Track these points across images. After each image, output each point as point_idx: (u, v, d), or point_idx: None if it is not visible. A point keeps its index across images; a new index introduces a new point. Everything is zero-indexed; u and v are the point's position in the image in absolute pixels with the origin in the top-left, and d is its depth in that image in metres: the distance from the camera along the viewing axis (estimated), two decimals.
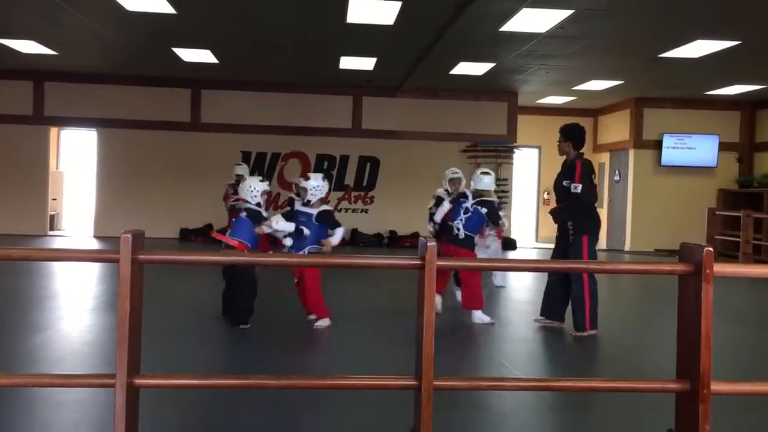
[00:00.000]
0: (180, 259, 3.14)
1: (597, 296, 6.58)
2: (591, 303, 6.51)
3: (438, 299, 7.11)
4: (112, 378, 2.86)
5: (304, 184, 6.46)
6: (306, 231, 6.30)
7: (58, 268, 9.87)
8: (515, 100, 15.64)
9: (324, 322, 6.47)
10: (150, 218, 14.13)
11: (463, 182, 7.88)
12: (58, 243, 13.99)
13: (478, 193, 7.28)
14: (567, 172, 6.58)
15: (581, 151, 6.69)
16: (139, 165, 14.84)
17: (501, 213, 7.47)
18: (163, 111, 15.02)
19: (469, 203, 7.19)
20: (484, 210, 7.17)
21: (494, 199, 7.39)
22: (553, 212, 6.79)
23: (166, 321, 6.52)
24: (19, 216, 14.61)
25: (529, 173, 17.67)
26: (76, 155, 17.22)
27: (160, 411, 3.87)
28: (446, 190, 7.76)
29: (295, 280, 6.53)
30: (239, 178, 9.75)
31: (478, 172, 7.44)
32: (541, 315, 7.02)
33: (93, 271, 9.74)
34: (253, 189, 6.51)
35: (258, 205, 6.49)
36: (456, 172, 7.85)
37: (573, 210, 6.53)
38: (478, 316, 6.98)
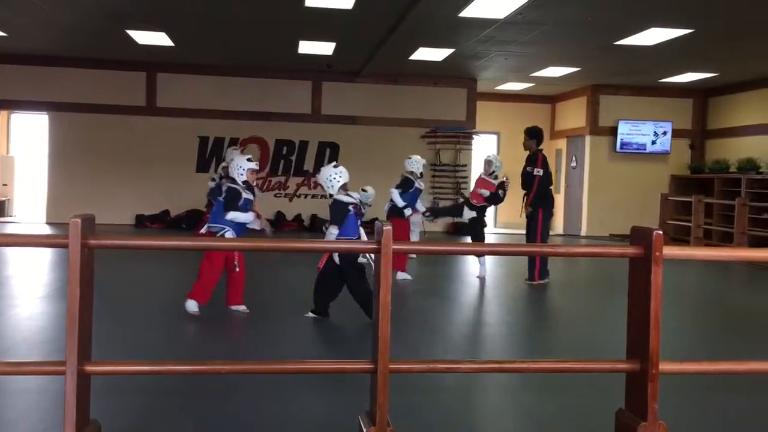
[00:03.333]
0: (132, 244, 3.09)
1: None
2: (541, 258, 8.38)
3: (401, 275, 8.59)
4: (62, 365, 2.81)
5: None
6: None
7: (8, 254, 9.63)
8: (474, 87, 15.71)
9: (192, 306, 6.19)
10: (105, 204, 13.86)
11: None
12: (8, 229, 13.64)
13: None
14: (530, 162, 8.71)
15: (540, 147, 8.90)
16: (93, 150, 14.52)
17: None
18: (118, 95, 14.70)
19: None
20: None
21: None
22: (529, 206, 8.60)
23: (124, 308, 6.42)
24: None
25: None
26: (27, 139, 16.76)
27: (113, 398, 3.81)
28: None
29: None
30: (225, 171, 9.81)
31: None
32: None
33: (45, 257, 9.52)
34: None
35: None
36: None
37: (535, 193, 8.51)
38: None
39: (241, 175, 6.36)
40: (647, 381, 3.12)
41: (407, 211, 8.90)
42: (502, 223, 17.33)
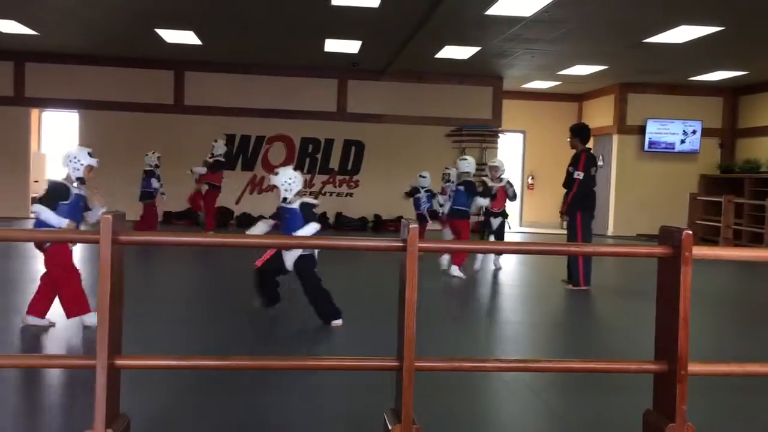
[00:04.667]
0: (160, 240, 3.12)
1: (591, 258, 8.00)
2: (584, 262, 8.11)
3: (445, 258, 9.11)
4: (92, 359, 2.85)
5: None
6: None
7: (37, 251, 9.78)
8: (500, 85, 15.63)
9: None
10: (132, 201, 13.99)
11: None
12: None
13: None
14: (573, 161, 8.23)
15: (588, 146, 8.37)
16: (121, 147, 14.68)
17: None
18: (147, 93, 14.88)
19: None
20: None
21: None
22: (566, 208, 8.35)
23: (152, 304, 6.50)
24: None
25: (514, 158, 17.70)
26: (58, 137, 17.02)
27: (143, 393, 3.87)
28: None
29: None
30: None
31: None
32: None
33: (76, 253, 9.66)
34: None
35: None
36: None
37: (574, 194, 8.15)
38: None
39: (77, 170, 5.38)
40: (676, 382, 3.09)
41: (486, 204, 9.33)
42: (527, 222, 17.25)
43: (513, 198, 9.73)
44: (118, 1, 9.63)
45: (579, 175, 8.11)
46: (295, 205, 5.99)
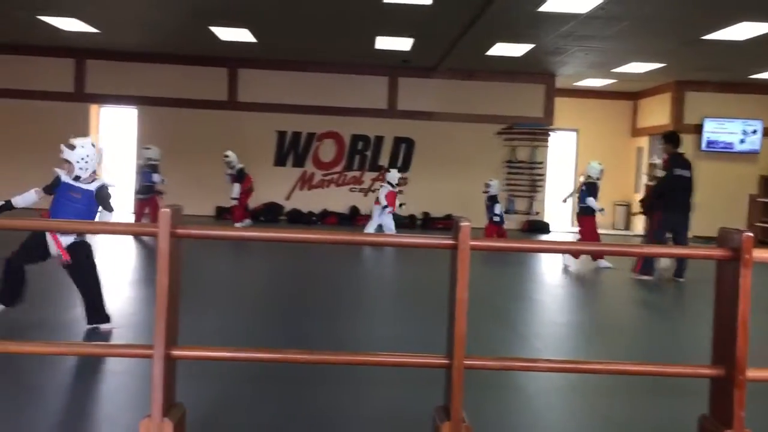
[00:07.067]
0: (216, 234, 3.19)
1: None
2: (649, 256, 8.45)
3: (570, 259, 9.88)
4: (150, 349, 2.93)
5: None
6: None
7: (97, 242, 10.08)
8: (553, 82, 15.43)
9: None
10: (187, 195, 14.25)
11: None
12: (98, 218, 14.26)
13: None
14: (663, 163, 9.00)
15: (678, 150, 8.95)
16: (177, 143, 14.99)
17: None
18: (201, 90, 15.16)
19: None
20: None
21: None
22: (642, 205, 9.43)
23: (204, 296, 6.63)
24: None
25: (565, 157, 17.46)
26: (115, 132, 17.47)
27: (196, 383, 3.95)
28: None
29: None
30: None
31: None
32: None
33: (132, 245, 9.93)
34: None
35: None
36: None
37: (651, 192, 9.04)
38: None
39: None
40: (733, 387, 3.02)
41: (599, 211, 9.93)
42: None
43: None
44: (176, 0, 9.83)
45: (660, 173, 8.96)
46: (92, 187, 5.13)
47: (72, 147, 5.09)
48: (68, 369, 4.30)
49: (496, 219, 12.25)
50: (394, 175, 12.20)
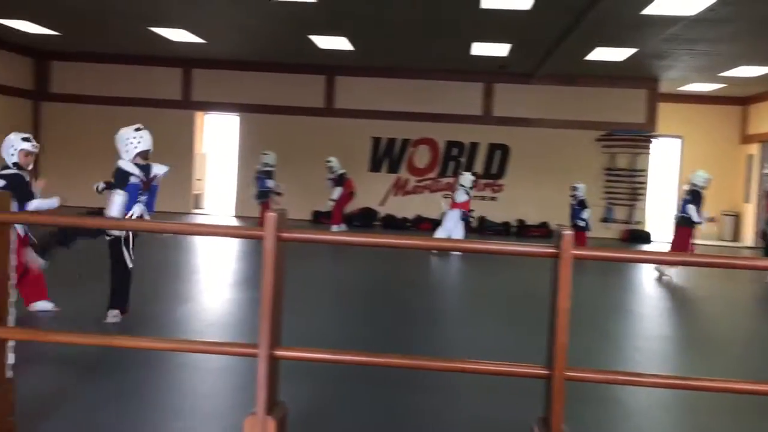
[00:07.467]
0: (320, 239, 3.27)
1: None
2: None
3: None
4: (255, 348, 3.03)
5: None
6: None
7: (199, 244, 10.51)
8: (655, 87, 14.90)
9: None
10: (285, 200, 14.65)
11: None
12: (202, 220, 14.87)
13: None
14: None
15: None
16: (276, 148, 15.35)
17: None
18: (299, 97, 15.54)
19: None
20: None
21: None
22: None
23: (302, 298, 6.79)
24: (166, 194, 15.50)
25: (669, 164, 16.81)
26: (217, 138, 18.18)
27: (294, 382, 4.05)
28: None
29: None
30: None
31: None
32: None
33: (231, 248, 10.28)
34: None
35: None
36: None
37: None
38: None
39: (12, 155, 5.51)
40: None
41: (704, 220, 9.59)
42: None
43: None
44: (277, 10, 10.14)
45: None
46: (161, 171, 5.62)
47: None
48: (168, 365, 4.49)
49: (582, 224, 11.61)
50: (467, 177, 11.61)
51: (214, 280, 8.03)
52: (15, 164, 5.49)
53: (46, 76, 15.82)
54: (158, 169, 5.56)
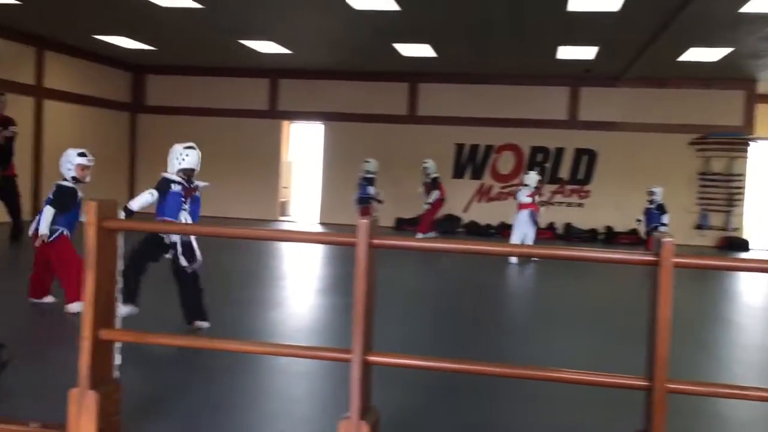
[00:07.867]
0: (409, 245, 3.28)
1: None
2: None
3: None
4: (348, 353, 3.07)
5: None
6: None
7: (285, 251, 10.72)
8: (753, 88, 14.23)
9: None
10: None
11: None
12: (289, 228, 15.18)
13: None
14: None
15: None
16: (360, 156, 15.54)
17: None
18: (383, 104, 15.66)
19: None
20: None
21: None
22: None
23: (388, 303, 6.83)
24: (254, 202, 16.04)
25: None
26: (302, 146, 18.55)
27: (385, 388, 4.07)
28: None
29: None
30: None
31: None
32: None
33: (316, 255, 10.45)
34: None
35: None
36: None
37: None
38: None
39: (69, 170, 5.85)
40: None
41: None
42: None
43: None
44: (361, 19, 10.27)
45: None
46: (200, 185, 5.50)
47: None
48: (255, 369, 4.58)
49: (663, 229, 11.15)
50: (532, 177, 11.06)
51: (301, 286, 8.18)
52: (73, 178, 5.84)
53: (142, 89, 16.57)
54: (199, 183, 5.56)
